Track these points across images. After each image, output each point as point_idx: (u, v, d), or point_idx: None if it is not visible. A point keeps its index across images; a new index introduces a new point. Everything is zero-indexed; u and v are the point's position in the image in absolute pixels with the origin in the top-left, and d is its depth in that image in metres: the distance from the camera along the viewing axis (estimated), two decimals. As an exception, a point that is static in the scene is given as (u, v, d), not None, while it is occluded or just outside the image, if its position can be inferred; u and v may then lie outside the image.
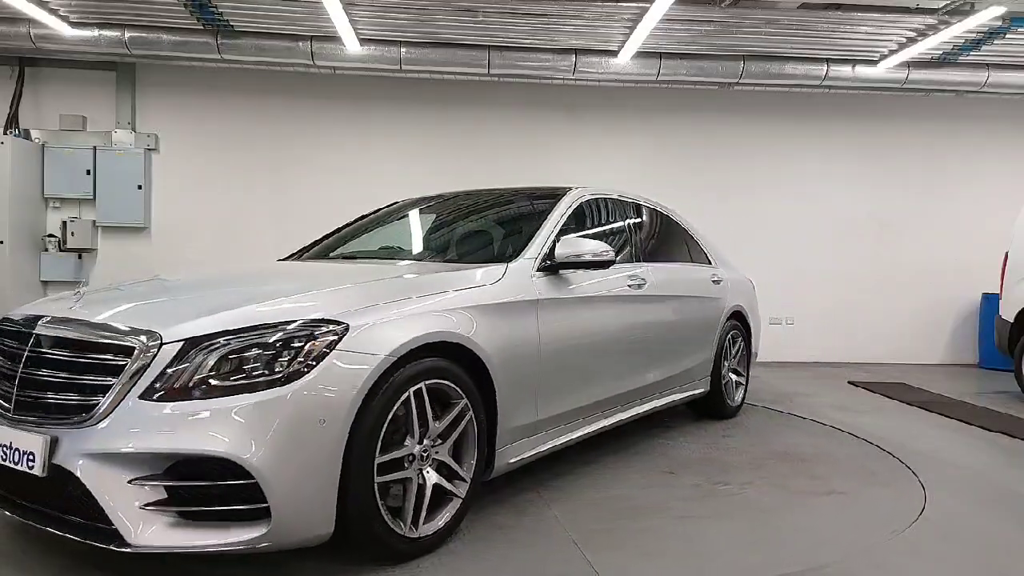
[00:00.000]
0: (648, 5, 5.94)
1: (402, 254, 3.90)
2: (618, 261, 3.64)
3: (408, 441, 2.42)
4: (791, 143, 8.51)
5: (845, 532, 2.87)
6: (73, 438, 2.09)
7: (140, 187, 7.65)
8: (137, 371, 2.10)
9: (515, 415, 2.90)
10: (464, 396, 2.60)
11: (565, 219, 3.53)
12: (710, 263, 5.13)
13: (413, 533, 2.41)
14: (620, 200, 4.27)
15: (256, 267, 3.52)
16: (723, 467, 3.80)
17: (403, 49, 7.03)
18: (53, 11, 6.49)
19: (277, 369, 2.13)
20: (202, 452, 2.02)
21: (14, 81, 7.52)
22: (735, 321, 5.14)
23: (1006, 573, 2.58)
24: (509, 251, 3.26)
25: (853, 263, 8.55)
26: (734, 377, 5.14)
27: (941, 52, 7.20)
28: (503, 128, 8.17)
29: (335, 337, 2.22)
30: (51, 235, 7.63)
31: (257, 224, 7.85)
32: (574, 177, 6.81)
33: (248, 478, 2.02)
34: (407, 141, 8.06)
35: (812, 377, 7.28)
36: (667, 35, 6.80)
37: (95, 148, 7.59)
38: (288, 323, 2.21)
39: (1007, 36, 6.73)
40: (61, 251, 7.60)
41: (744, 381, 5.31)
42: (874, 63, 7.34)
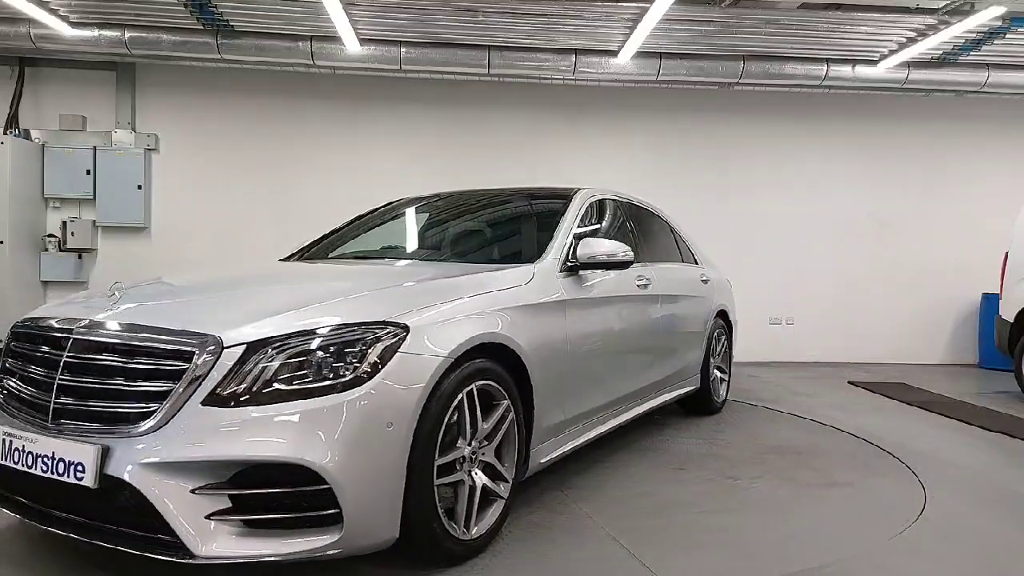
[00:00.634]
0: (648, 5, 5.94)
1: (420, 254, 3.86)
2: None
3: (460, 443, 2.41)
4: (791, 143, 8.51)
5: (845, 532, 2.87)
6: (128, 447, 2.00)
7: (140, 187, 7.66)
8: (198, 376, 2.01)
9: (547, 415, 2.94)
10: (507, 397, 2.61)
11: (579, 220, 3.56)
12: (696, 263, 5.24)
13: (466, 535, 2.41)
14: (620, 200, 4.28)
15: (286, 268, 3.40)
16: (728, 462, 3.89)
17: (403, 49, 7.03)
18: (53, 11, 6.49)
19: (343, 372, 2.08)
20: (276, 458, 1.96)
21: (14, 81, 7.53)
22: (720, 319, 5.28)
23: (1006, 573, 2.58)
24: (531, 252, 3.27)
25: (853, 263, 8.55)
26: (719, 374, 5.30)
27: (941, 52, 7.20)
28: (503, 128, 8.17)
29: (398, 339, 2.19)
30: (51, 235, 7.63)
31: (257, 224, 7.85)
32: (574, 177, 6.82)
33: (321, 484, 1.97)
34: (407, 141, 8.06)
35: (812, 377, 7.28)
36: (667, 35, 6.80)
37: (95, 148, 7.59)
38: (352, 325, 2.17)
39: (1007, 36, 6.73)
40: (61, 251, 7.60)
41: (727, 378, 5.47)
42: (874, 63, 7.34)
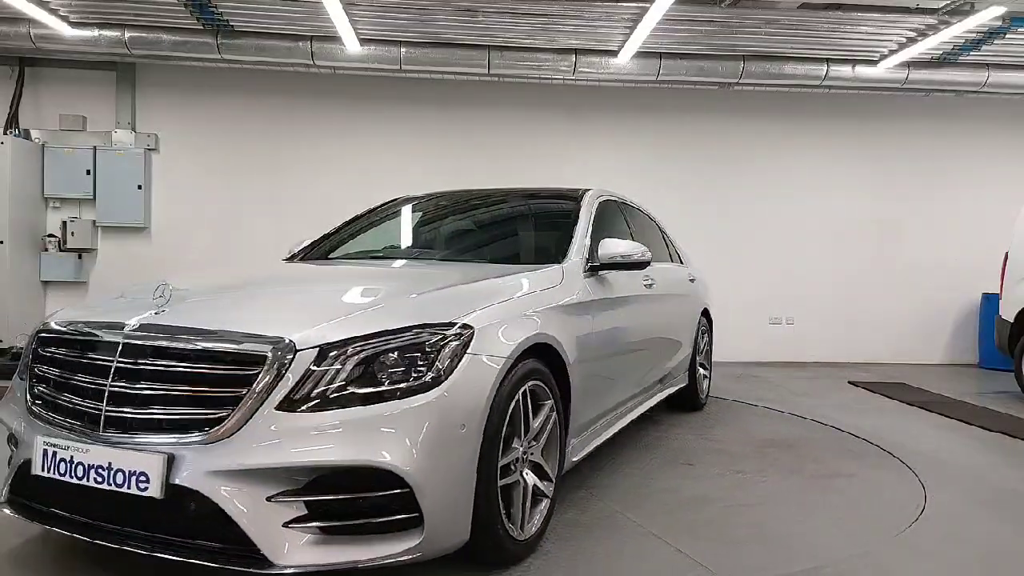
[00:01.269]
0: (648, 5, 5.94)
1: (442, 254, 3.78)
2: None
3: (515, 443, 2.41)
4: (791, 143, 8.51)
5: (845, 532, 2.87)
6: (197, 455, 1.93)
7: (140, 187, 7.65)
8: (272, 380, 1.96)
9: (580, 414, 2.97)
10: (551, 396, 2.62)
11: (592, 220, 3.58)
12: (681, 262, 5.30)
13: (522, 535, 2.41)
14: (618, 200, 4.30)
15: (314, 269, 3.35)
16: (731, 457, 3.98)
17: (403, 49, 7.03)
18: (53, 11, 6.49)
19: (418, 374, 2.06)
20: (360, 462, 1.93)
21: (14, 81, 7.52)
22: (703, 318, 5.37)
23: (1006, 573, 2.58)
24: (552, 252, 3.27)
25: (853, 263, 8.55)
26: (703, 371, 5.41)
27: (941, 52, 7.20)
28: (503, 128, 8.17)
29: (465, 340, 2.18)
30: (51, 235, 7.63)
31: (257, 224, 7.85)
32: (574, 177, 6.82)
33: (403, 487, 1.95)
34: (407, 141, 8.05)
35: (812, 377, 7.28)
36: (667, 35, 6.79)
37: (95, 148, 7.59)
38: (425, 326, 2.14)
39: (1007, 36, 6.73)
40: (61, 251, 7.59)
41: (709, 375, 5.61)
42: (874, 63, 7.34)
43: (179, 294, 2.41)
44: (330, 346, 2.02)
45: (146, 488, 1.93)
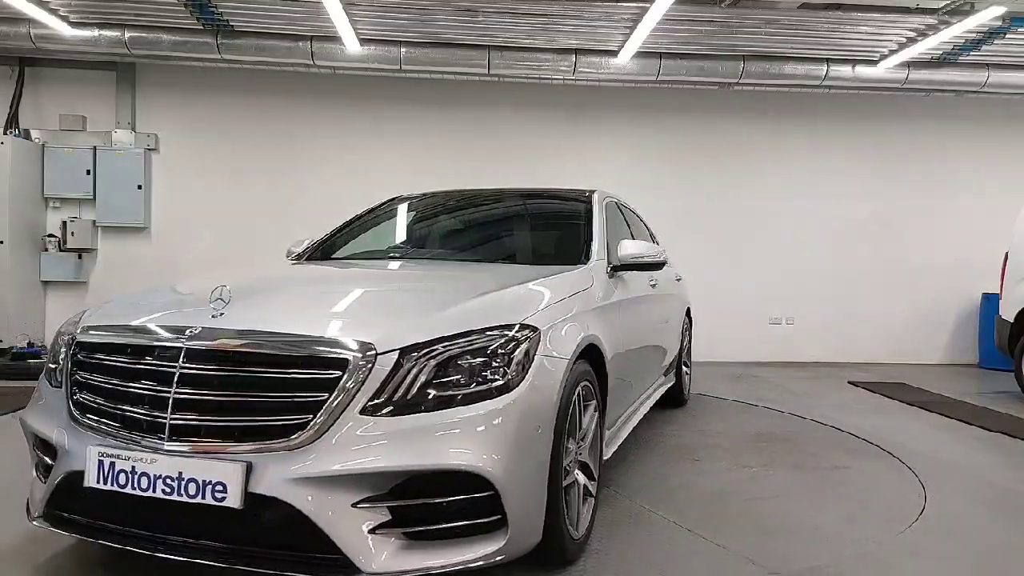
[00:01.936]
0: (648, 5, 5.94)
1: (463, 255, 3.74)
2: None
3: (570, 444, 2.42)
4: (791, 143, 8.51)
5: (846, 531, 2.87)
6: (278, 463, 1.86)
7: (140, 187, 7.65)
8: (355, 384, 1.91)
9: (612, 412, 3.01)
10: (596, 396, 2.65)
11: (605, 221, 3.60)
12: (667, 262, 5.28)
13: (577, 535, 2.43)
14: (617, 201, 4.30)
15: (345, 272, 3.27)
16: (734, 453, 4.03)
17: (403, 49, 7.03)
18: (53, 11, 6.49)
19: (493, 376, 2.04)
20: (448, 466, 1.90)
21: (14, 81, 7.52)
22: (687, 317, 5.48)
23: (1006, 573, 2.58)
24: (573, 253, 3.27)
25: (853, 263, 8.54)
26: (686, 368, 5.51)
27: (941, 52, 7.20)
28: (503, 128, 8.17)
29: (535, 342, 2.17)
30: (51, 235, 7.63)
31: (257, 224, 7.85)
32: (574, 177, 6.81)
33: (489, 490, 1.94)
34: (407, 141, 8.05)
35: (812, 377, 7.28)
36: (667, 35, 6.79)
37: (95, 148, 7.59)
38: (503, 327, 2.13)
39: (1007, 36, 6.73)
40: (61, 251, 7.59)
41: (690, 372, 5.76)
42: (874, 63, 7.34)
43: (240, 295, 2.27)
44: (409, 348, 1.99)
45: (223, 498, 1.86)
